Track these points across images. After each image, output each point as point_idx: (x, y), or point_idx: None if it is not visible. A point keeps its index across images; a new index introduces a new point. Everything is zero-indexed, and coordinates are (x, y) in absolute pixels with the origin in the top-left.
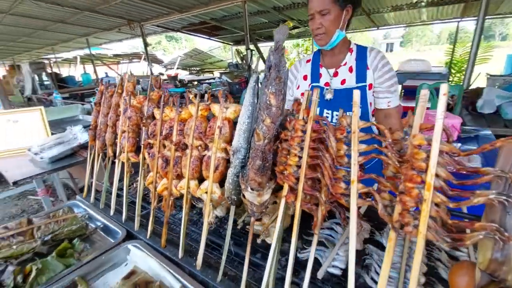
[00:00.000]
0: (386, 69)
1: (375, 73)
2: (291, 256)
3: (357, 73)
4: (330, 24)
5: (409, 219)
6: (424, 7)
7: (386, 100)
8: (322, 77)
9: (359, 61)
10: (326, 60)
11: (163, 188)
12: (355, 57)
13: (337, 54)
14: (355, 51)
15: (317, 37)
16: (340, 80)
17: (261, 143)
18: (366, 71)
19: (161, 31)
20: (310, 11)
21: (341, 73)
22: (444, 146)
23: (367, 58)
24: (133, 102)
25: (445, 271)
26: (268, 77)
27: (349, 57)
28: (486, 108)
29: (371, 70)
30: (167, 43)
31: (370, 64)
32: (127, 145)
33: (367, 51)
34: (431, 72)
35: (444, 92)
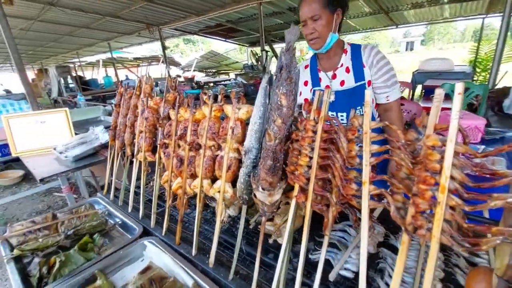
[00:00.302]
0: (381, 64)
1: (371, 69)
2: (301, 257)
3: (354, 72)
4: (323, 29)
5: (423, 222)
6: (446, 4)
7: (385, 95)
8: (322, 81)
9: (354, 60)
10: (323, 64)
11: (177, 187)
12: (350, 57)
13: (332, 57)
14: (349, 51)
15: (311, 42)
16: (339, 81)
17: (272, 143)
18: (362, 69)
19: (178, 34)
20: (302, 17)
21: (339, 74)
22: (459, 147)
23: (361, 56)
24: (150, 103)
25: (463, 278)
26: (279, 77)
27: (344, 58)
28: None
29: (367, 68)
30: (184, 45)
31: (365, 61)
32: (144, 145)
33: (361, 49)
34: (453, 71)
35: (459, 91)
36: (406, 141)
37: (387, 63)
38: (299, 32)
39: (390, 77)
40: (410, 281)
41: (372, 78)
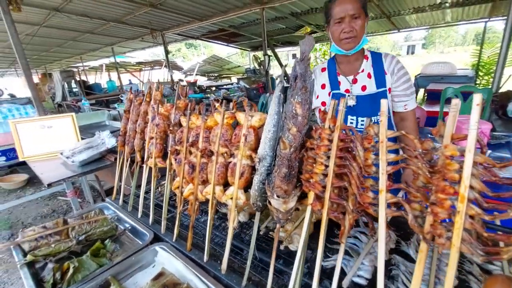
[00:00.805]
0: (402, 73)
1: (392, 77)
2: (317, 264)
3: (375, 78)
4: (360, 29)
5: (442, 231)
6: (448, 8)
7: (403, 104)
8: (342, 84)
9: (376, 67)
10: (343, 68)
11: (189, 193)
12: (371, 64)
13: (353, 62)
14: (370, 57)
15: (346, 41)
16: (360, 86)
17: (287, 151)
18: (384, 76)
19: (181, 39)
20: (340, 14)
21: (360, 79)
22: (478, 157)
23: (383, 63)
24: (161, 110)
25: (477, 285)
26: (294, 87)
27: (365, 63)
28: None
29: (388, 75)
30: (187, 50)
31: (387, 69)
32: (154, 151)
33: (382, 57)
34: (456, 75)
35: (477, 102)
36: (423, 150)
37: (406, 72)
38: (313, 42)
39: (409, 87)
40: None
41: (392, 86)
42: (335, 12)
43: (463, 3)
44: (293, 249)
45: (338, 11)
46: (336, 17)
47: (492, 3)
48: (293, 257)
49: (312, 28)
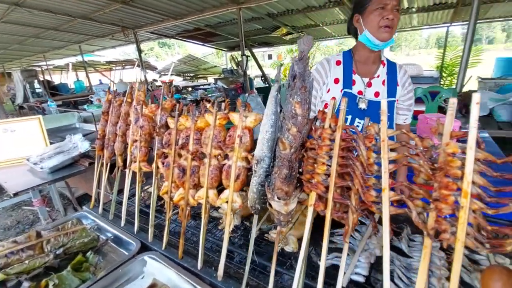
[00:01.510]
0: (410, 88)
1: (402, 90)
2: (322, 266)
3: (388, 88)
4: (397, 22)
5: (447, 226)
6: (415, 13)
7: (404, 117)
8: (356, 84)
9: (390, 76)
10: (359, 67)
11: (179, 198)
12: (386, 71)
13: (371, 63)
14: (386, 64)
15: (386, 29)
16: (373, 91)
17: (287, 152)
18: (396, 87)
19: (155, 38)
20: (384, 1)
21: (375, 84)
22: (479, 153)
23: (397, 74)
24: (145, 111)
25: (467, 275)
26: (293, 86)
27: (381, 69)
28: (480, 111)
29: (400, 87)
30: (160, 49)
31: (399, 80)
32: (139, 155)
33: (396, 67)
34: (423, 76)
35: (476, 101)
36: (423, 148)
37: (413, 89)
38: (312, 42)
39: (412, 103)
40: None
41: (400, 99)
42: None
43: (428, 9)
44: (289, 250)
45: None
46: (380, 2)
47: (454, 9)
48: (286, 257)
49: (288, 29)
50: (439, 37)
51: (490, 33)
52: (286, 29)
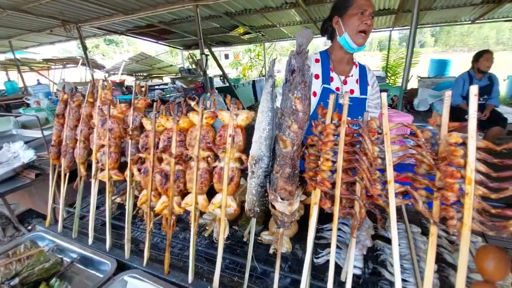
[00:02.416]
0: (377, 89)
1: (372, 89)
2: (331, 266)
3: (360, 86)
4: (371, 29)
5: (453, 213)
6: None
7: (372, 115)
8: (333, 81)
9: (362, 76)
10: (336, 67)
11: (163, 207)
12: (358, 72)
13: (345, 64)
14: (358, 66)
15: (362, 35)
16: (349, 89)
17: (289, 149)
18: (367, 87)
19: (102, 34)
20: (365, 7)
21: (350, 83)
22: (480, 142)
23: (367, 75)
24: (113, 112)
25: (449, 256)
26: (292, 81)
27: (354, 70)
28: (422, 106)
29: (370, 87)
30: (106, 46)
31: (369, 81)
32: (108, 161)
33: (366, 69)
34: None
35: (474, 93)
36: (425, 139)
37: (379, 90)
38: (312, 35)
39: (380, 102)
40: (409, 267)
41: (370, 98)
42: (359, 3)
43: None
44: (283, 251)
45: (363, 3)
46: (360, 8)
47: (395, 14)
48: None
49: (246, 29)
50: (381, 40)
51: (421, 38)
52: (244, 28)
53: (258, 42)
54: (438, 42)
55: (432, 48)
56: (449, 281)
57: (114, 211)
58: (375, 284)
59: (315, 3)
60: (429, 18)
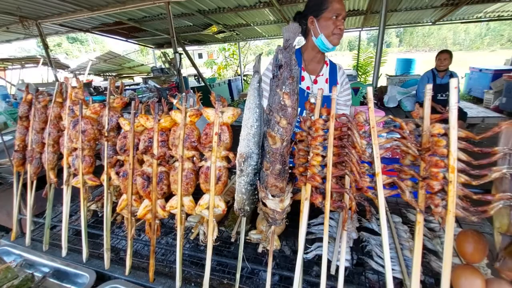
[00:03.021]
0: (347, 87)
1: (340, 87)
2: (324, 260)
3: (330, 85)
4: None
5: (438, 201)
6: None
7: (341, 112)
8: (304, 80)
9: (332, 75)
10: (308, 66)
11: (146, 212)
12: (329, 71)
13: (317, 63)
14: (329, 65)
15: (337, 36)
16: (318, 87)
17: (278, 146)
18: (336, 85)
19: (65, 31)
20: (339, 11)
21: (320, 82)
22: (461, 132)
23: (337, 73)
24: (86, 112)
25: (429, 242)
26: (280, 76)
27: (325, 69)
28: (391, 103)
29: (339, 85)
30: (70, 45)
31: (339, 79)
32: (82, 166)
33: (336, 68)
34: None
35: (455, 85)
36: (409, 131)
37: (349, 87)
38: (299, 29)
39: (349, 99)
40: (394, 256)
41: (338, 96)
42: (334, 7)
43: None
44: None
45: (338, 7)
46: (335, 12)
47: (364, 15)
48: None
49: (220, 28)
50: (350, 40)
51: (387, 38)
52: (218, 27)
53: (232, 41)
54: (403, 42)
55: (398, 48)
56: (430, 266)
57: (89, 219)
58: (361, 274)
59: (289, 3)
60: (394, 19)
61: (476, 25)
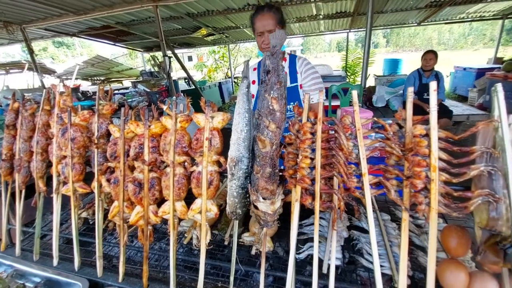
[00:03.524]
0: (309, 72)
1: (302, 75)
2: (315, 260)
3: (290, 76)
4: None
5: (422, 199)
6: (321, 19)
7: (310, 96)
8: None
9: (291, 67)
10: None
11: (138, 218)
12: (288, 64)
13: None
14: (288, 59)
15: (265, 50)
16: None
17: (268, 149)
18: (296, 75)
19: (51, 36)
20: (260, 29)
21: None
22: (441, 133)
23: (296, 64)
24: (75, 119)
25: (417, 238)
26: (268, 82)
27: (284, 65)
28: (379, 103)
29: (299, 74)
30: (56, 49)
31: (298, 68)
32: (72, 174)
33: (296, 59)
34: (333, 75)
35: (434, 88)
36: (392, 132)
37: (314, 72)
38: (285, 36)
39: (315, 83)
40: (383, 253)
41: (302, 82)
42: (256, 26)
43: (332, 16)
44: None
45: (258, 26)
46: (257, 30)
47: (352, 17)
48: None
49: (210, 31)
50: (339, 41)
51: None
52: (207, 30)
53: (222, 44)
54: (390, 43)
55: (385, 49)
56: (418, 261)
57: (80, 227)
58: (353, 272)
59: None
60: (381, 21)
61: (460, 25)
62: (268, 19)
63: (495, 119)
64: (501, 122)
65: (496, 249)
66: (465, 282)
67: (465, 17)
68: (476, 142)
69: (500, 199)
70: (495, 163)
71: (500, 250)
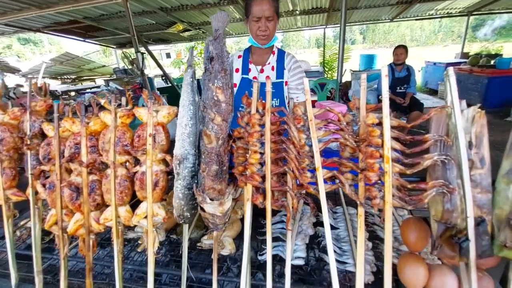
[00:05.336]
0: (297, 71)
1: (289, 73)
2: (268, 260)
3: (277, 72)
4: (272, 29)
5: (376, 193)
6: (298, 15)
7: (296, 96)
8: (251, 71)
9: (279, 62)
10: (255, 58)
11: (77, 227)
12: (276, 59)
13: (264, 54)
14: (276, 53)
15: (261, 37)
16: (265, 76)
17: (214, 145)
18: (283, 71)
19: (13, 32)
20: (258, 14)
21: (266, 70)
22: (393, 121)
23: (284, 61)
24: (3, 118)
25: (382, 232)
26: (211, 70)
27: (271, 58)
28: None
29: (287, 70)
30: (22, 46)
31: (286, 65)
32: (2, 180)
33: (285, 55)
34: (311, 70)
35: (385, 73)
36: (346, 122)
37: (301, 72)
38: (228, 18)
39: (301, 83)
40: (348, 249)
41: (289, 80)
42: (254, 10)
43: (308, 12)
44: (226, 253)
45: (256, 10)
46: (254, 15)
47: (327, 13)
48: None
49: (185, 26)
50: (317, 38)
51: (352, 36)
52: (183, 25)
53: (199, 40)
54: (366, 39)
55: (362, 45)
56: (383, 256)
57: (25, 239)
58: (321, 270)
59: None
60: (356, 17)
61: (430, 23)
62: (268, 4)
63: (447, 105)
64: (454, 108)
65: (452, 242)
66: (424, 277)
67: (434, 13)
68: (429, 130)
69: (454, 189)
70: (448, 151)
71: (456, 244)
